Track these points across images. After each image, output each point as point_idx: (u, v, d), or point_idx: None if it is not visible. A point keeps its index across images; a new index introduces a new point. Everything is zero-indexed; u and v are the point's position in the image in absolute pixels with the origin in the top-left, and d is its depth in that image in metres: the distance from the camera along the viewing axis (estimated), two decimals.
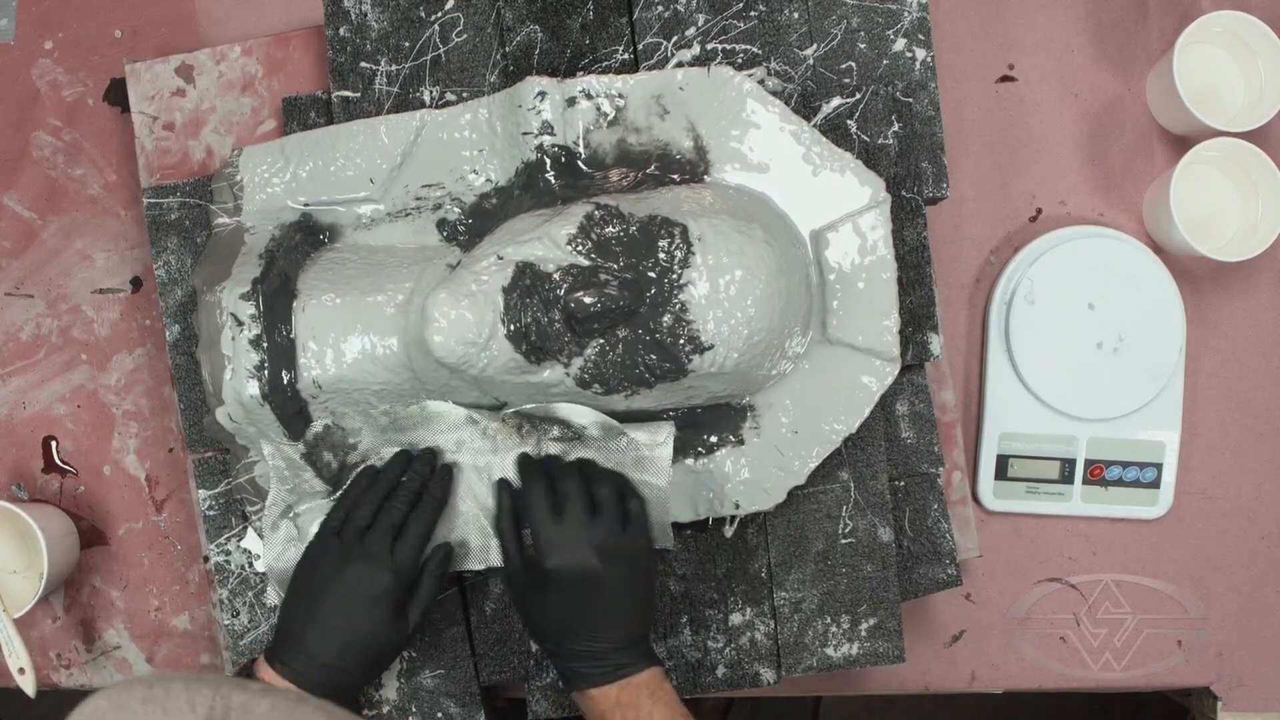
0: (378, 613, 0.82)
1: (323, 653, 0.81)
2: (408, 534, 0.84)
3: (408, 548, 0.83)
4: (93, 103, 1.04)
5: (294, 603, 0.84)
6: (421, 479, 0.86)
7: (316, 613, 0.82)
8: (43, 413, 1.03)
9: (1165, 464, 1.01)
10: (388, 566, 0.82)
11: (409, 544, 0.83)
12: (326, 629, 0.81)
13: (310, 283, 0.89)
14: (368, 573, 0.81)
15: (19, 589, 0.97)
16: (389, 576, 0.81)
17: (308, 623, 0.82)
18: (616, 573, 0.81)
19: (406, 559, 0.83)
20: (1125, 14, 1.04)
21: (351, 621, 0.81)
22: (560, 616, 0.81)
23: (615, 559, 0.81)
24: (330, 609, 0.82)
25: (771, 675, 0.92)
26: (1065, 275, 1.00)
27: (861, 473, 0.91)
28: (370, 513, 0.84)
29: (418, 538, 0.84)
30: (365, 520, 0.84)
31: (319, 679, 0.81)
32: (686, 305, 0.82)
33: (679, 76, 0.89)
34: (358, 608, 0.81)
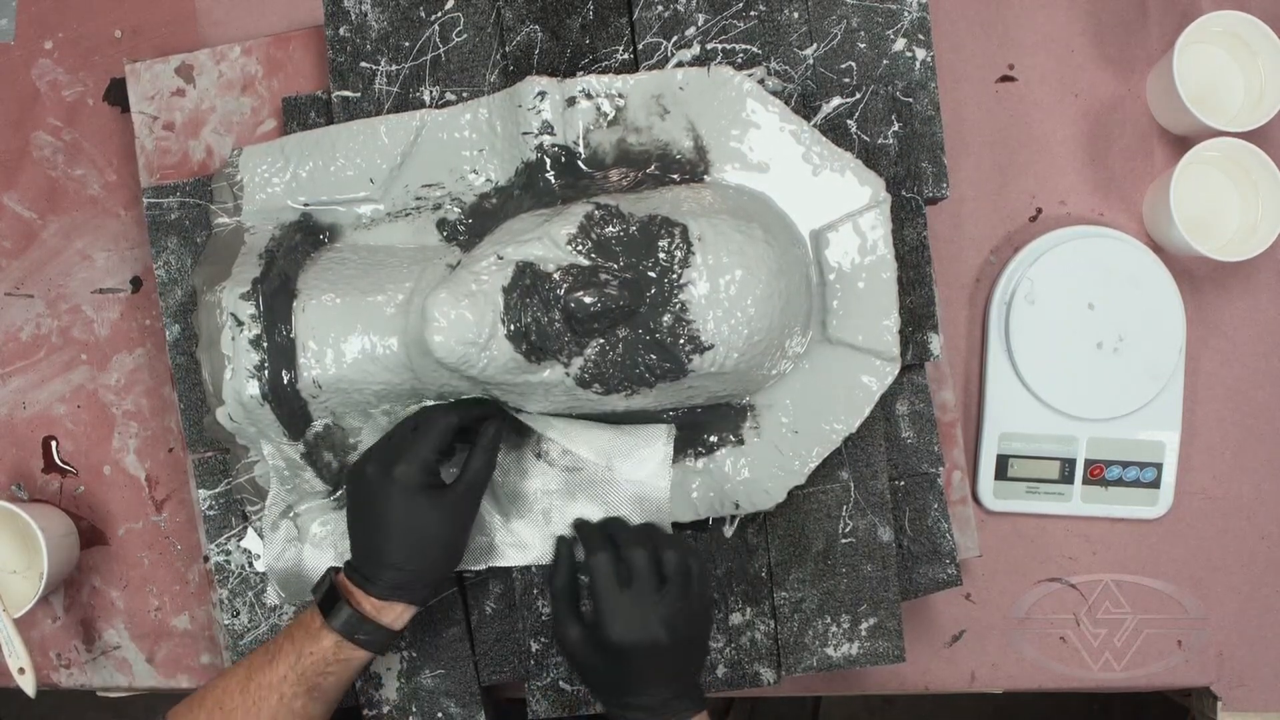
0: (405, 498, 0.81)
1: (380, 552, 0.82)
2: (426, 427, 0.83)
3: (422, 431, 0.83)
4: (93, 103, 1.04)
5: (348, 514, 0.85)
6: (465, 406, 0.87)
7: (364, 515, 0.83)
8: (43, 413, 1.03)
9: (1165, 464, 1.01)
10: (413, 449, 0.81)
11: (424, 428, 0.83)
12: (375, 527, 0.82)
13: (310, 283, 0.89)
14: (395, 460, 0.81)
15: (19, 589, 0.97)
16: (413, 457, 0.81)
17: (358, 530, 0.83)
18: (679, 638, 0.81)
19: (421, 440, 0.82)
20: (1125, 14, 1.04)
21: (388, 514, 0.81)
22: (621, 680, 0.81)
23: (680, 628, 0.81)
24: (368, 509, 0.82)
25: (771, 675, 0.92)
26: (1065, 275, 1.00)
27: (861, 472, 0.91)
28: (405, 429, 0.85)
29: (439, 424, 0.83)
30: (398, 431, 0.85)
31: (387, 581, 0.82)
32: (686, 305, 0.82)
33: (679, 76, 0.89)
34: (386, 499, 0.81)
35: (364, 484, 0.83)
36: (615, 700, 0.82)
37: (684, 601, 0.82)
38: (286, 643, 0.82)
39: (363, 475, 0.83)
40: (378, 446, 0.85)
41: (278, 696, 0.80)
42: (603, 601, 0.81)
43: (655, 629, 0.80)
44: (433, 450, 0.82)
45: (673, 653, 0.81)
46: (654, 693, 0.81)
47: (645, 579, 0.81)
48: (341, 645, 0.81)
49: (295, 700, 0.81)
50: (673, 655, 0.81)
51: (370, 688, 0.93)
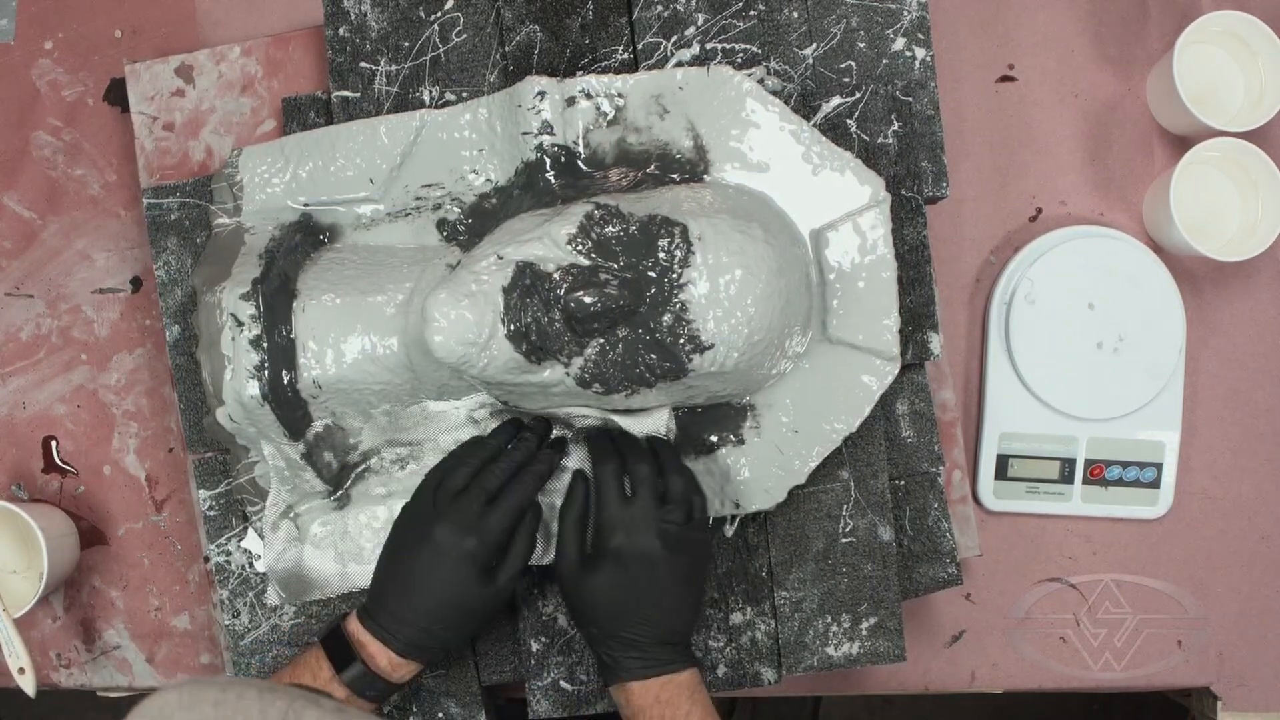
0: (464, 575, 0.81)
1: (409, 613, 0.81)
2: (500, 502, 0.82)
3: (498, 513, 0.82)
4: (93, 103, 1.04)
5: (385, 562, 0.84)
6: (527, 451, 0.85)
7: (403, 573, 0.82)
8: (43, 413, 1.03)
9: (1165, 464, 1.01)
10: (474, 529, 0.81)
11: (500, 511, 0.82)
12: (413, 590, 0.81)
13: (310, 283, 0.89)
14: (454, 535, 0.80)
15: (19, 589, 0.97)
16: (474, 540, 0.80)
17: (394, 582, 0.82)
18: (676, 563, 0.81)
19: (495, 524, 0.81)
20: (1125, 14, 1.04)
21: (439, 584, 0.81)
22: (613, 600, 0.81)
23: (677, 549, 0.81)
24: (419, 570, 0.81)
25: (772, 675, 0.92)
26: (1065, 275, 1.00)
27: (862, 472, 0.91)
28: (467, 476, 0.83)
29: (511, 508, 0.82)
30: (460, 483, 0.83)
31: (407, 639, 0.81)
32: (686, 305, 0.82)
33: (679, 76, 0.89)
34: (445, 570, 0.81)
35: (425, 546, 0.81)
36: (607, 632, 0.81)
37: (684, 524, 0.82)
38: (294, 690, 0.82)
39: (428, 538, 0.81)
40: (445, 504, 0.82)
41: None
42: (605, 506, 0.81)
43: (652, 540, 0.80)
44: (507, 531, 0.82)
45: (669, 576, 0.81)
46: (646, 631, 0.80)
47: (648, 494, 0.82)
48: (350, 699, 0.80)
49: None
50: (668, 580, 0.81)
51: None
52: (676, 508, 0.82)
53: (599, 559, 0.82)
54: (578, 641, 0.92)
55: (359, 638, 0.82)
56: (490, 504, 0.82)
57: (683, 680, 0.81)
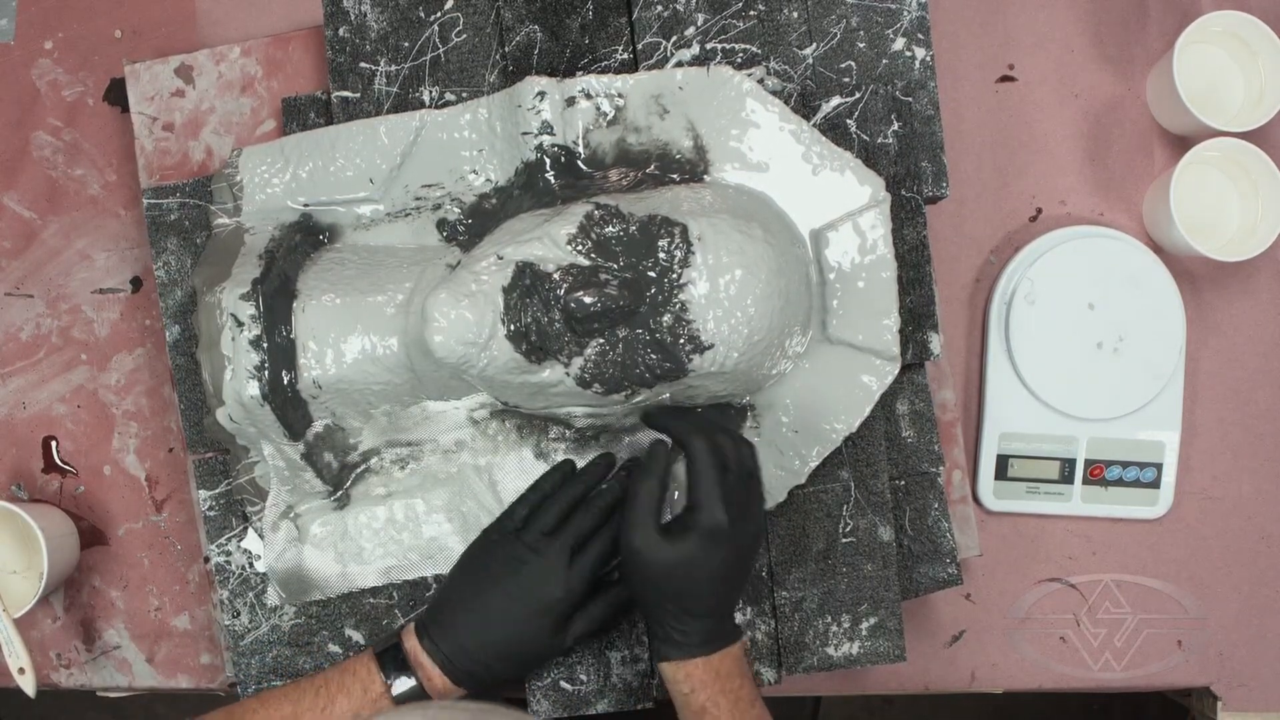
0: (541, 623, 0.80)
1: (476, 648, 0.81)
2: (589, 551, 0.81)
3: (587, 564, 0.81)
4: (93, 103, 1.04)
5: (459, 587, 0.83)
6: (617, 494, 0.84)
7: (479, 606, 0.81)
8: (43, 413, 1.03)
9: (1165, 464, 1.01)
10: (562, 579, 0.80)
11: (589, 561, 0.81)
12: (485, 625, 0.80)
13: (310, 283, 0.89)
14: (541, 580, 0.80)
15: (19, 589, 0.97)
16: (561, 590, 0.80)
17: (468, 613, 0.81)
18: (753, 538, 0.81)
19: (583, 575, 0.81)
20: (1125, 14, 1.04)
21: (512, 625, 0.80)
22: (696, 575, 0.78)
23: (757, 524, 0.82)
24: (494, 606, 0.80)
25: (772, 674, 0.92)
26: (1065, 275, 1.00)
27: (862, 472, 0.91)
28: (558, 516, 0.82)
29: (600, 556, 0.81)
30: (550, 523, 0.82)
31: (466, 669, 0.81)
32: (686, 305, 0.82)
33: (678, 76, 0.89)
34: (522, 613, 0.80)
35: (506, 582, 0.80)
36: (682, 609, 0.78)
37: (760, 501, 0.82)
38: (342, 697, 0.80)
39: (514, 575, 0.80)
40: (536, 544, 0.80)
41: None
42: (705, 482, 0.78)
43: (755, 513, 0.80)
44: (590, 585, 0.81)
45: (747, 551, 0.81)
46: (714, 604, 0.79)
47: (738, 468, 0.81)
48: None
49: None
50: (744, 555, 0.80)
51: None
52: (756, 481, 0.82)
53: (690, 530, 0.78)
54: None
55: (418, 658, 0.81)
56: (579, 552, 0.81)
57: (737, 651, 0.80)
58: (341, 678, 0.82)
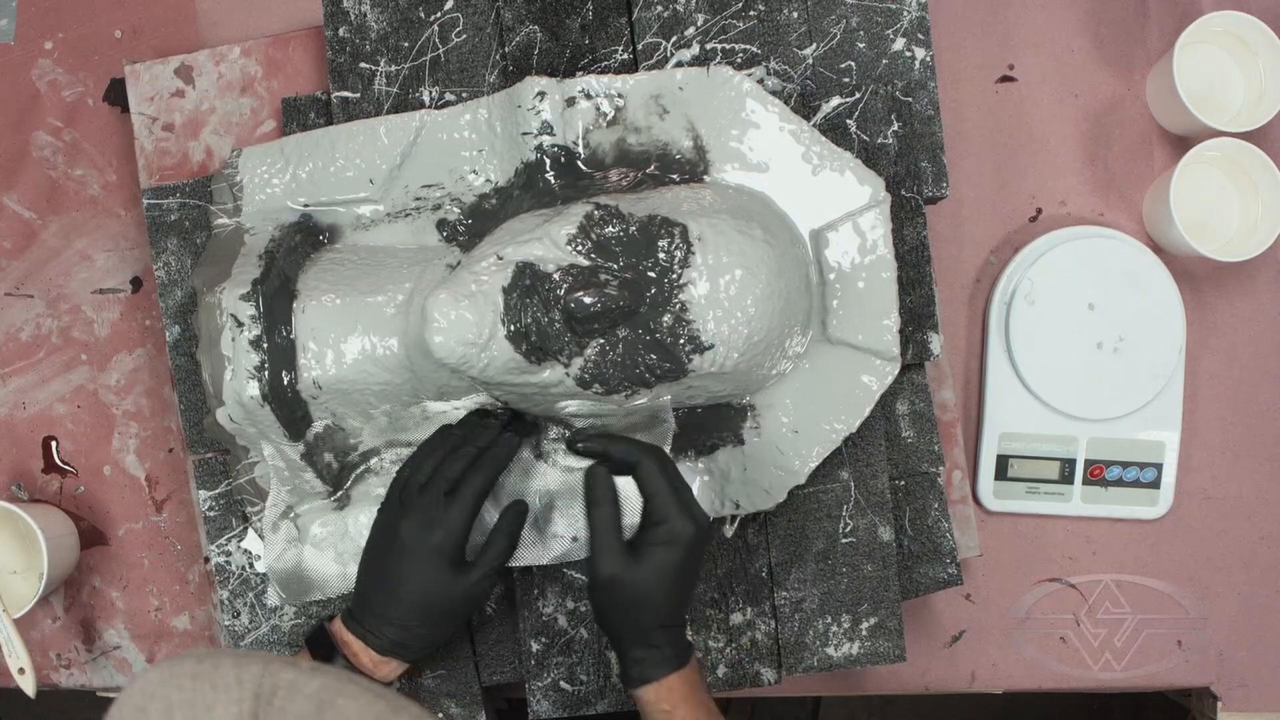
0: (435, 567, 0.81)
1: (388, 611, 0.82)
2: (461, 490, 0.82)
3: (458, 503, 0.82)
4: (93, 103, 1.04)
5: (364, 562, 0.85)
6: (488, 438, 0.85)
7: (377, 571, 0.83)
8: (43, 413, 1.03)
9: (1165, 464, 1.01)
10: (439, 522, 0.81)
11: (460, 500, 0.82)
12: (388, 587, 0.82)
13: (310, 283, 0.89)
14: (419, 528, 0.81)
15: (19, 589, 0.97)
16: (440, 532, 0.81)
17: (372, 581, 0.83)
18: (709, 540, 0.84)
19: (461, 513, 0.82)
20: (1125, 14, 1.04)
21: (409, 578, 0.82)
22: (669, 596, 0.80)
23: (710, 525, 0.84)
24: (390, 567, 0.82)
25: (772, 675, 0.92)
26: (1065, 275, 1.00)
27: (862, 472, 0.91)
28: (430, 469, 0.84)
29: (470, 494, 0.82)
30: (424, 477, 0.83)
31: (390, 638, 0.82)
32: (686, 305, 0.82)
33: (678, 76, 0.89)
34: (412, 564, 0.81)
35: (395, 542, 0.82)
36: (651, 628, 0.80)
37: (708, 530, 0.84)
38: None
39: (396, 534, 0.82)
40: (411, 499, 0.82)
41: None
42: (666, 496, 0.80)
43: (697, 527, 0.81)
44: (469, 522, 0.82)
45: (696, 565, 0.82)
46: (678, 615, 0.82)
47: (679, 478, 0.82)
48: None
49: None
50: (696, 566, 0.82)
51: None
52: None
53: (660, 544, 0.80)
54: (577, 642, 0.92)
55: (342, 637, 0.83)
56: (451, 494, 0.82)
57: (694, 664, 0.82)
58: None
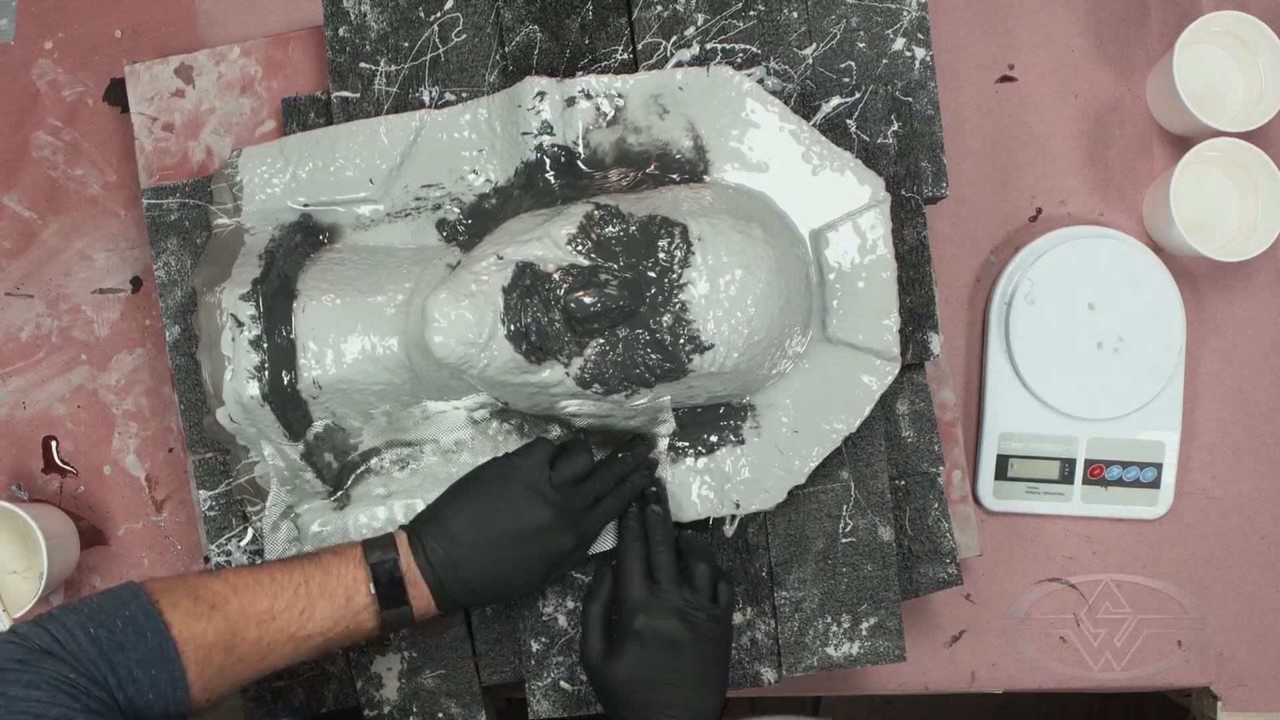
0: (541, 567, 0.82)
1: (473, 576, 0.80)
2: (600, 511, 0.84)
3: (596, 524, 0.84)
4: (93, 103, 1.04)
5: (471, 501, 0.82)
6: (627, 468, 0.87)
7: (489, 535, 0.81)
8: (43, 413, 1.03)
9: (1165, 464, 1.01)
10: (576, 530, 0.82)
11: (598, 521, 0.84)
12: (489, 554, 0.81)
13: (310, 283, 0.89)
14: (560, 527, 0.82)
15: (19, 589, 0.97)
16: (572, 540, 0.82)
17: (475, 542, 0.81)
18: (701, 647, 0.82)
19: (591, 531, 0.84)
20: (1125, 14, 1.04)
21: (517, 562, 0.81)
22: (639, 681, 0.81)
23: (701, 634, 0.82)
24: (503, 536, 0.81)
25: (772, 675, 0.92)
26: (1065, 275, 1.00)
27: (862, 472, 0.91)
28: (584, 468, 0.84)
29: (610, 514, 0.85)
30: (577, 473, 0.83)
31: (455, 597, 0.81)
32: (686, 305, 0.82)
33: (678, 76, 0.89)
34: (530, 553, 0.81)
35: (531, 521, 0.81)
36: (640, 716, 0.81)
37: (708, 608, 0.83)
38: (323, 601, 0.78)
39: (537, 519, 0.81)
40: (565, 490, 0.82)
41: (293, 648, 0.78)
42: (628, 590, 0.82)
43: (674, 625, 0.81)
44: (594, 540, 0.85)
45: (694, 659, 0.81)
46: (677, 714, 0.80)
47: (670, 578, 0.83)
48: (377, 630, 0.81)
49: (306, 655, 0.79)
50: (694, 663, 0.81)
51: (371, 688, 0.93)
52: (701, 594, 0.83)
53: (623, 642, 0.82)
54: (577, 642, 0.92)
55: (412, 574, 0.80)
56: (591, 509, 0.84)
57: None
58: (325, 578, 0.79)
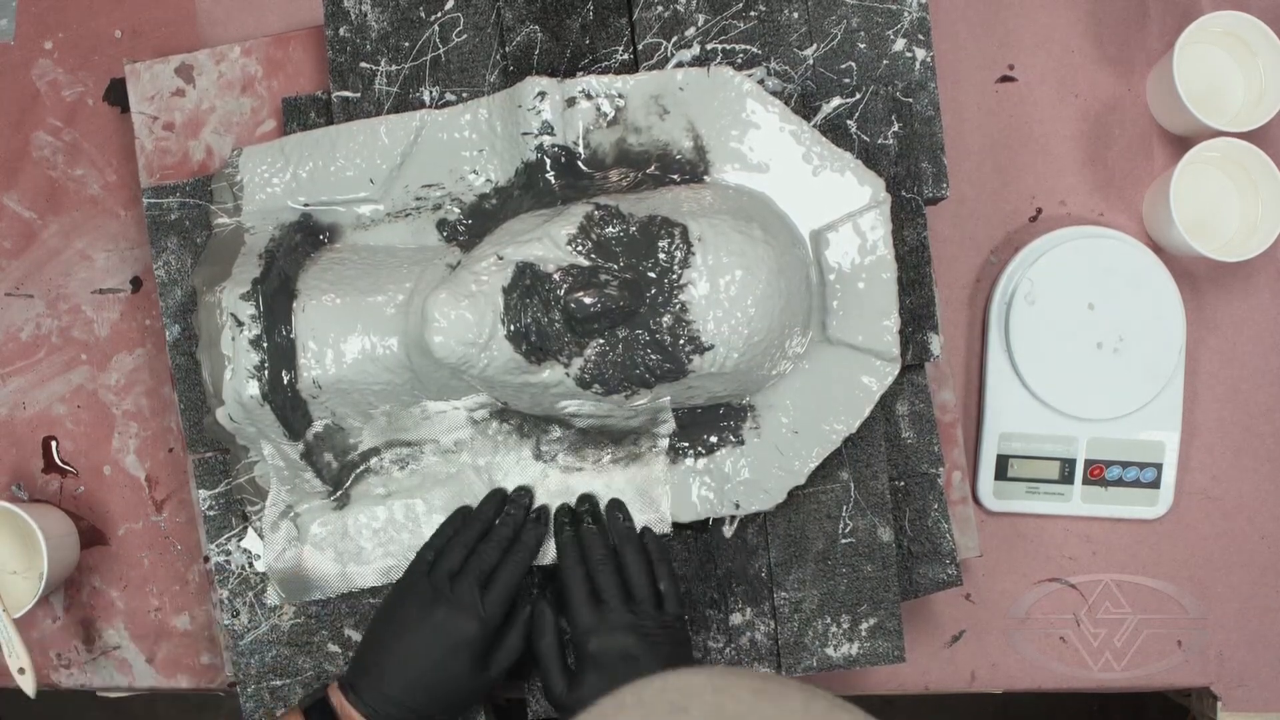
0: (461, 661, 0.81)
1: (401, 693, 0.81)
2: (497, 583, 0.83)
3: (496, 598, 0.83)
4: (93, 103, 1.04)
5: (378, 638, 0.84)
6: (515, 525, 0.86)
7: (399, 653, 0.82)
8: (43, 413, 1.03)
9: (1165, 464, 1.01)
10: (475, 615, 0.82)
11: (498, 594, 0.83)
12: (407, 671, 0.81)
13: (310, 283, 0.89)
14: (455, 619, 0.81)
15: (19, 589, 0.97)
16: (475, 625, 0.81)
17: (389, 662, 0.82)
18: (658, 654, 0.82)
19: (495, 609, 0.82)
20: (1125, 14, 1.04)
21: (434, 667, 0.81)
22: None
23: (654, 641, 0.82)
24: (414, 651, 0.82)
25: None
26: (1065, 275, 1.00)
27: (862, 473, 0.91)
28: (462, 556, 0.84)
29: (507, 587, 0.83)
30: (456, 564, 0.84)
31: (394, 717, 0.81)
32: (686, 305, 0.82)
33: (679, 77, 0.89)
34: (441, 654, 0.81)
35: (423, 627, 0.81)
36: None
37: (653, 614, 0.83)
38: None
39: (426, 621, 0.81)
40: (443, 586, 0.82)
41: None
42: (576, 620, 0.83)
43: (628, 640, 0.81)
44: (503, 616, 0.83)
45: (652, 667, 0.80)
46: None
47: (615, 595, 0.83)
48: None
49: None
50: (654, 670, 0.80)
51: None
52: (645, 602, 0.83)
53: (582, 670, 0.82)
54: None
55: (345, 712, 0.82)
56: (487, 587, 0.83)
57: None
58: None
